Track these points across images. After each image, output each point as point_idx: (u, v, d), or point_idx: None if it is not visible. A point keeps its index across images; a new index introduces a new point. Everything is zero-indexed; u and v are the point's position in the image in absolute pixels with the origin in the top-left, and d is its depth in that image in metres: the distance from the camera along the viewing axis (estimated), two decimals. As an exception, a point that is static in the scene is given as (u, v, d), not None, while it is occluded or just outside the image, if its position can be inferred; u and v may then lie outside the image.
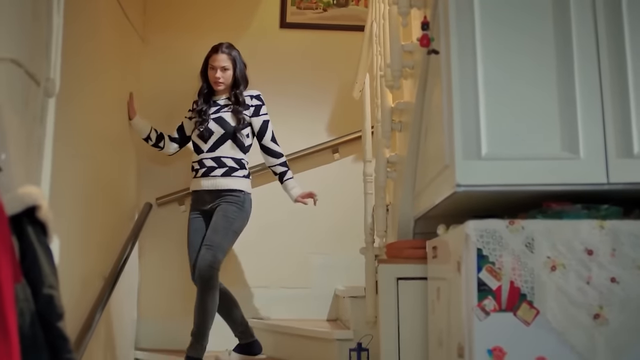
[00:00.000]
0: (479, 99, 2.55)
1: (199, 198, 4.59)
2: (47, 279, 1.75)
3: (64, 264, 3.04)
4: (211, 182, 4.53)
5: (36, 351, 1.64)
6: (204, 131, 4.57)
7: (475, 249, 2.46)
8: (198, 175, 4.58)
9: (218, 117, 4.62)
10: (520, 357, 2.45)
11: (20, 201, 1.72)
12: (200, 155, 4.60)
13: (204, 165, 4.56)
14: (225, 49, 4.66)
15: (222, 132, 4.56)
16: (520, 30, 2.62)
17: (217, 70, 4.63)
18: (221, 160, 4.55)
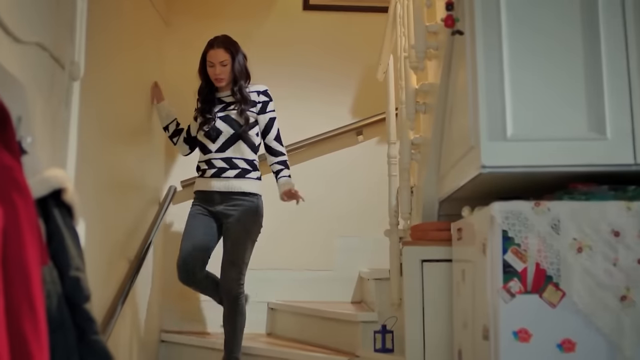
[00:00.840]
0: (505, 79, 2.53)
1: (208, 197, 4.38)
2: (74, 262, 1.76)
3: (89, 247, 3.06)
4: (224, 184, 4.34)
5: (63, 332, 1.65)
6: (211, 130, 4.36)
7: (501, 230, 2.45)
8: (207, 176, 4.38)
9: (225, 116, 4.40)
10: (546, 339, 2.44)
11: (46, 184, 1.73)
12: (208, 155, 4.40)
13: (213, 165, 4.36)
14: (221, 43, 4.41)
15: (231, 132, 4.35)
16: (546, 10, 2.59)
17: (216, 66, 4.39)
18: (232, 161, 4.36)
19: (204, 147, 4.43)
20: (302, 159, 5.48)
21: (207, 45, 4.42)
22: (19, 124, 1.76)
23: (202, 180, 4.42)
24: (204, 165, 4.41)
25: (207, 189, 4.36)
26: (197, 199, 4.45)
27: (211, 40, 4.42)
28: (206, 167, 4.39)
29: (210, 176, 4.35)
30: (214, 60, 4.38)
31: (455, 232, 3.11)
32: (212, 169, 4.36)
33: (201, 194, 4.41)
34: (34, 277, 1.41)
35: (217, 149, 4.35)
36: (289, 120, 5.40)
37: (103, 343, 1.78)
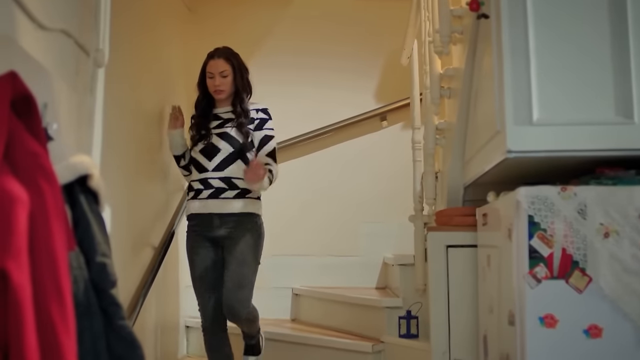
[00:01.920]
0: (531, 63, 2.51)
1: (205, 222, 3.94)
2: (100, 247, 1.76)
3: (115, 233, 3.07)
4: (223, 205, 3.92)
5: (90, 317, 1.66)
6: (207, 147, 3.98)
7: (527, 215, 2.43)
8: (203, 197, 3.95)
9: (223, 133, 4.02)
10: (573, 325, 2.42)
11: (72, 170, 1.73)
12: (203, 174, 3.97)
13: (210, 185, 3.94)
14: (221, 53, 4.07)
15: (230, 151, 3.97)
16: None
17: (215, 78, 4.02)
18: (232, 181, 3.94)
19: (199, 165, 4.01)
20: (326, 144, 5.48)
21: (207, 56, 4.10)
22: (44, 110, 1.77)
23: (196, 203, 3.98)
24: (199, 184, 3.98)
25: (204, 212, 3.95)
26: (192, 224, 4.00)
27: (211, 52, 4.11)
28: (202, 187, 3.97)
29: (207, 197, 3.94)
30: (213, 71, 4.03)
31: (480, 218, 3.10)
32: (208, 189, 3.95)
33: (197, 218, 3.98)
34: (61, 262, 1.42)
35: (215, 168, 3.96)
36: (313, 107, 5.41)
37: (129, 328, 1.79)
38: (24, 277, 1.29)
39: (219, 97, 4.06)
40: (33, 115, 1.58)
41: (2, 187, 1.33)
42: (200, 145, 4.01)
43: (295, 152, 5.39)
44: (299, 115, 5.40)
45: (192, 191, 4.01)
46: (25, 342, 1.26)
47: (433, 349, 3.28)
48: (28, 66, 1.80)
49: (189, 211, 4.01)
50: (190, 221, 4.00)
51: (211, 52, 4.09)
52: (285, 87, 5.47)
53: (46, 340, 1.33)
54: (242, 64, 4.11)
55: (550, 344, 2.43)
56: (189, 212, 4.01)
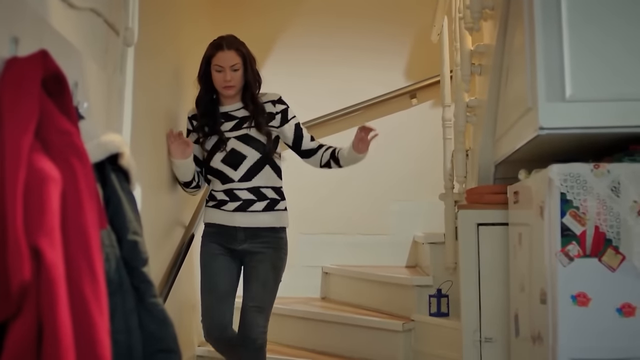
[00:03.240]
0: (563, 38, 2.47)
1: (228, 234, 3.57)
2: (131, 225, 1.77)
3: (145, 212, 3.08)
4: (250, 219, 3.54)
5: (122, 295, 1.67)
6: (230, 155, 3.57)
7: (559, 193, 2.41)
8: (229, 209, 3.57)
9: (243, 136, 3.59)
10: (605, 303, 2.41)
11: (103, 148, 1.74)
12: (228, 184, 3.58)
13: (237, 197, 3.55)
14: (231, 44, 3.59)
15: (257, 157, 3.56)
16: (606, -35, 2.52)
17: (226, 72, 3.56)
18: (260, 191, 3.56)
19: (222, 176, 3.60)
20: (355, 123, 5.42)
21: (213, 47, 3.62)
22: (75, 89, 1.78)
23: (219, 213, 3.60)
24: (223, 195, 3.59)
25: (228, 224, 3.57)
26: (212, 233, 3.64)
27: (217, 41, 3.62)
28: (227, 199, 3.58)
29: (234, 210, 3.55)
30: (223, 64, 3.56)
31: (511, 195, 3.08)
32: (235, 201, 3.56)
33: (219, 229, 3.61)
34: (93, 240, 1.43)
35: (241, 178, 3.55)
36: (342, 85, 5.39)
37: (161, 306, 1.80)
38: (56, 255, 1.30)
39: (229, 92, 3.62)
40: (64, 94, 1.58)
41: (35, 165, 1.34)
42: (219, 154, 3.57)
43: (325, 131, 5.37)
44: (329, 94, 5.39)
45: (214, 200, 3.63)
46: (59, 320, 1.27)
47: (464, 327, 3.28)
48: (58, 45, 1.81)
49: (210, 219, 3.64)
50: (210, 228, 3.64)
51: (217, 42, 3.61)
52: (314, 66, 5.45)
53: (79, 317, 1.34)
54: (250, 53, 3.65)
55: (582, 323, 2.41)
56: (210, 221, 3.64)
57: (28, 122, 1.40)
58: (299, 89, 5.22)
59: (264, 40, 5.38)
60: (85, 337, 1.33)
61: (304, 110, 5.21)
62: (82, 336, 1.33)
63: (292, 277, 4.39)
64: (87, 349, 1.33)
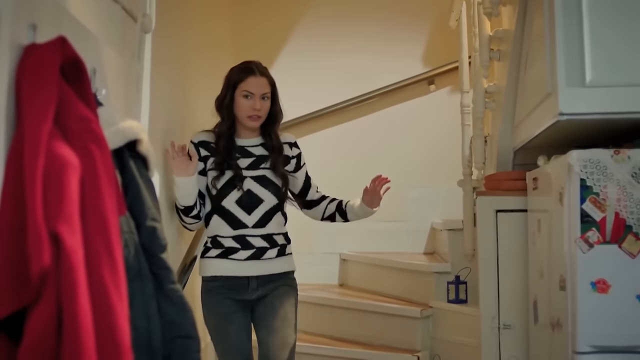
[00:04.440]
0: (583, 23, 2.45)
1: (238, 286, 3.14)
2: (150, 212, 1.78)
3: (163, 198, 3.09)
4: (264, 267, 3.15)
5: (141, 281, 1.68)
6: (245, 197, 3.14)
7: (579, 179, 2.40)
8: (240, 258, 3.13)
9: (261, 177, 3.19)
10: (625, 290, 2.40)
11: (121, 135, 1.74)
12: (239, 230, 3.14)
13: (250, 245, 3.13)
14: (264, 71, 3.21)
15: (274, 203, 3.18)
16: (628, -51, 2.49)
17: (255, 99, 3.14)
18: (273, 238, 3.18)
19: (233, 220, 3.14)
20: (373, 109, 5.45)
21: (240, 71, 3.20)
22: (93, 76, 1.78)
23: (228, 263, 3.15)
24: (232, 242, 3.14)
25: (239, 274, 3.14)
26: (218, 287, 3.14)
27: (246, 65, 3.22)
28: (237, 247, 3.13)
29: (246, 259, 3.13)
30: (254, 91, 3.15)
31: (530, 182, 3.07)
32: (248, 249, 3.13)
33: (226, 281, 3.14)
34: (112, 226, 1.43)
35: (256, 224, 3.15)
36: (359, 72, 5.37)
37: (180, 292, 1.81)
38: (76, 241, 1.31)
39: (254, 124, 3.20)
40: (83, 80, 1.58)
41: (54, 152, 1.34)
42: (234, 194, 3.14)
43: (342, 117, 5.36)
44: (346, 82, 5.37)
45: (218, 247, 3.16)
46: (78, 306, 1.27)
47: (482, 314, 3.27)
48: (76, 31, 1.80)
49: (214, 272, 3.16)
50: (214, 282, 3.16)
51: (246, 66, 3.21)
52: (331, 55, 5.43)
53: (98, 303, 1.34)
54: (275, 84, 3.28)
55: (602, 309, 2.40)
56: (214, 274, 3.16)
57: (47, 109, 1.40)
58: (316, 77, 5.23)
59: (280, 30, 5.39)
60: (104, 323, 1.34)
61: (320, 98, 5.22)
62: (101, 322, 1.33)
63: (309, 263, 4.40)
64: (106, 334, 1.34)
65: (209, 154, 3.20)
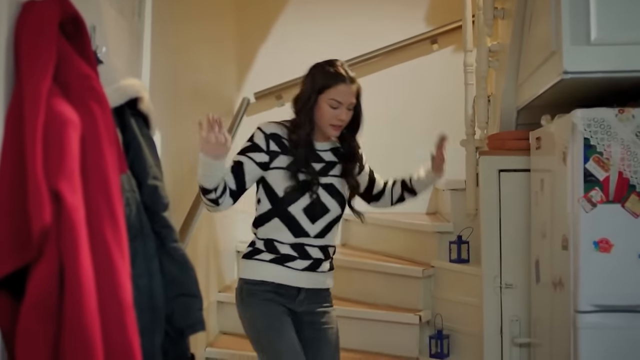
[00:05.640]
0: (589, -20, 2.42)
1: (287, 294, 2.85)
2: (152, 170, 1.77)
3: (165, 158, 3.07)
4: (317, 280, 2.90)
5: (143, 239, 1.68)
6: (315, 205, 2.82)
7: (582, 138, 2.39)
8: (296, 267, 2.84)
9: (329, 185, 2.87)
10: (628, 249, 2.40)
11: (122, 93, 1.73)
12: (300, 238, 2.83)
13: (308, 255, 2.85)
14: (354, 78, 2.83)
15: (338, 214, 2.89)
16: None
17: (343, 109, 2.79)
18: (327, 250, 2.92)
19: (296, 227, 2.83)
20: (376, 68, 5.41)
21: (330, 76, 2.81)
22: (93, 33, 1.76)
23: (281, 270, 2.85)
24: (289, 250, 2.83)
25: (291, 284, 2.85)
26: (267, 292, 2.84)
27: (336, 68, 2.83)
28: (295, 255, 2.84)
29: (303, 269, 2.85)
30: (343, 100, 2.79)
31: (533, 141, 3.05)
32: (305, 259, 2.86)
33: (276, 288, 2.84)
34: (113, 185, 1.43)
35: (318, 234, 2.86)
36: (363, 29, 5.33)
37: (182, 250, 1.81)
38: (77, 199, 1.30)
39: (335, 133, 2.86)
40: (82, 37, 1.57)
41: (53, 109, 1.33)
42: (303, 201, 2.80)
43: (344, 77, 5.33)
44: (349, 41, 5.32)
45: (273, 252, 2.85)
46: (80, 263, 1.27)
47: (484, 273, 3.28)
48: (76, -12, 1.79)
49: (264, 276, 2.85)
50: (261, 286, 2.85)
51: (336, 71, 2.82)
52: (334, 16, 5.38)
53: (100, 261, 1.34)
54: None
55: (604, 268, 2.41)
56: (263, 278, 2.85)
57: (46, 66, 1.39)
58: (319, 37, 5.18)
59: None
60: (106, 281, 1.34)
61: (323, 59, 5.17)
62: (103, 279, 1.33)
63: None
64: (108, 292, 1.34)
65: (279, 150, 2.81)
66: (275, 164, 2.81)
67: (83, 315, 1.25)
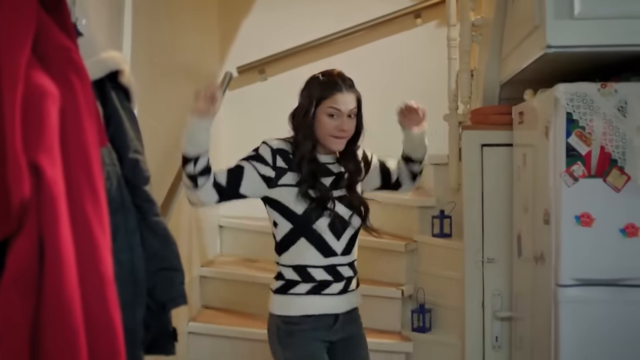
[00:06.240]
0: (572, -48, 2.41)
1: (326, 325, 2.64)
2: (133, 144, 1.76)
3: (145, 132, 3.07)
4: (349, 301, 2.71)
5: (124, 213, 1.67)
6: (337, 221, 2.62)
7: (565, 113, 2.40)
8: (333, 292, 2.64)
9: (344, 197, 2.69)
10: (609, 224, 2.41)
11: (102, 65, 1.71)
12: (331, 259, 2.63)
13: (341, 276, 2.66)
14: (350, 85, 2.69)
15: (359, 224, 2.72)
16: None
17: (343, 118, 2.62)
18: (354, 266, 2.74)
19: (325, 247, 2.62)
20: (359, 43, 5.38)
21: (325, 86, 2.64)
22: (73, 6, 1.74)
23: (321, 300, 2.63)
24: (324, 274, 2.63)
25: (330, 312, 2.65)
26: (308, 329, 2.62)
27: (332, 78, 2.66)
28: (330, 279, 2.64)
29: (339, 292, 2.66)
30: (342, 108, 2.62)
31: (516, 116, 3.06)
32: (340, 281, 2.66)
33: (317, 322, 2.63)
34: (93, 158, 1.41)
35: (344, 250, 2.66)
36: (346, 3, 5.30)
37: (164, 224, 1.80)
38: (56, 172, 1.29)
39: (338, 146, 2.67)
40: (62, 9, 1.55)
41: (32, 81, 1.31)
42: (324, 219, 2.60)
43: (326, 51, 5.30)
44: (332, 15, 5.29)
45: (309, 281, 2.63)
46: (60, 237, 1.26)
47: (466, 248, 3.29)
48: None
49: (303, 311, 2.62)
50: (301, 324, 2.62)
51: (331, 80, 2.65)
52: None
53: (80, 235, 1.33)
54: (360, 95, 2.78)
55: (585, 243, 2.42)
56: (303, 313, 2.62)
57: (25, 38, 1.37)
58: (303, 12, 5.16)
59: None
60: (87, 255, 1.33)
61: (306, 33, 5.15)
62: (84, 253, 1.32)
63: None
64: (89, 266, 1.33)
65: (286, 166, 2.62)
66: (283, 181, 2.61)
67: (63, 290, 1.24)
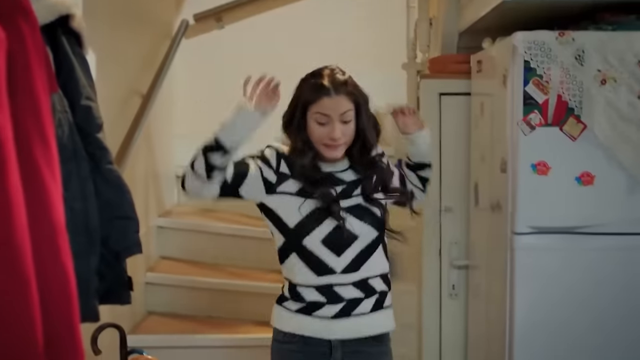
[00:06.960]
0: None
1: (317, 353, 2.31)
2: (85, 90, 1.72)
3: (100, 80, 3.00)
4: (354, 327, 2.30)
5: (76, 161, 1.64)
6: (336, 234, 2.25)
7: (523, 61, 2.40)
8: (326, 315, 2.29)
9: (356, 207, 2.30)
10: (565, 172, 2.43)
11: (52, 9, 1.66)
12: (326, 277, 2.28)
13: (339, 298, 2.28)
14: (339, 86, 2.24)
15: (374, 236, 2.29)
16: None
17: (333, 124, 2.22)
18: (369, 284, 2.30)
19: (318, 264, 2.28)
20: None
21: (311, 89, 2.25)
22: (21, -55, 1.68)
23: (308, 321, 2.31)
24: (316, 294, 2.30)
25: (320, 337, 2.30)
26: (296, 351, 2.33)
27: (317, 81, 2.27)
28: (323, 300, 2.29)
29: (333, 316, 2.29)
30: (331, 114, 2.21)
31: (475, 65, 3.05)
32: (336, 303, 2.29)
33: (305, 344, 2.32)
34: (43, 104, 1.37)
35: (346, 268, 2.28)
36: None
37: (117, 172, 1.77)
38: (4, 118, 1.25)
39: (332, 154, 2.26)
40: (7, -51, 1.49)
41: (-23, 24, 1.27)
42: (320, 231, 2.26)
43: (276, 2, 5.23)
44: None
45: (298, 301, 2.32)
46: (8, 184, 1.23)
47: (424, 197, 3.30)
48: None
49: (291, 328, 2.34)
50: (289, 344, 2.35)
51: (318, 82, 2.26)
52: None
53: (30, 183, 1.30)
54: (363, 92, 2.36)
55: (541, 191, 2.44)
56: (291, 330, 2.34)
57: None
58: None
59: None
60: (37, 202, 1.30)
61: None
62: (34, 201, 1.29)
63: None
64: (39, 213, 1.30)
65: (289, 173, 2.29)
66: (282, 188, 2.29)
67: (12, 237, 1.21)
